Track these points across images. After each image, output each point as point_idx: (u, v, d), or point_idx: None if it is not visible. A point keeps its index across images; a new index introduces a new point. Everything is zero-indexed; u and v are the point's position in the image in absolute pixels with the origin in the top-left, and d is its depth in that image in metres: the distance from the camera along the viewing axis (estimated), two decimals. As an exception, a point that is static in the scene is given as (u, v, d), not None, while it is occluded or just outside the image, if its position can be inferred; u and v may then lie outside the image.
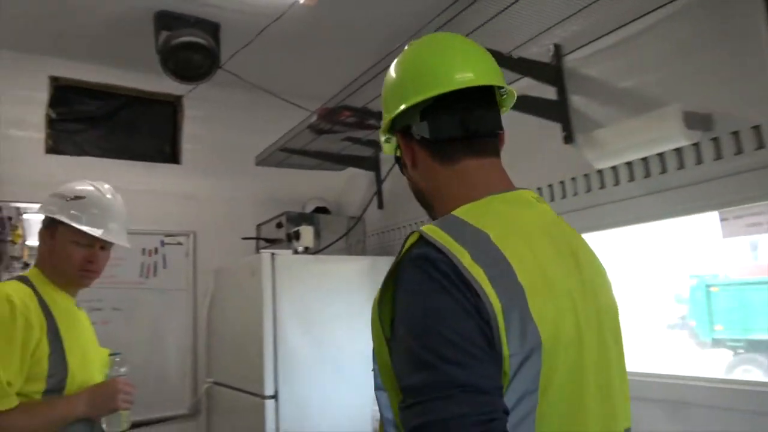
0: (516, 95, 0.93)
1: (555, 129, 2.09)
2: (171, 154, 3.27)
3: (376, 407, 0.99)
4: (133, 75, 3.13)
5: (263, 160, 3.05)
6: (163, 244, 3.07)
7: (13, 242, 4.80)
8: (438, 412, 0.64)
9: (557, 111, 2.07)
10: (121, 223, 1.71)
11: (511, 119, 0.99)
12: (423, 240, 0.75)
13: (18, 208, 4.23)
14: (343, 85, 2.39)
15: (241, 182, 3.28)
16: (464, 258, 0.71)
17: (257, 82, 3.00)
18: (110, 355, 1.54)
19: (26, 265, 6.08)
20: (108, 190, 1.72)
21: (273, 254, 2.45)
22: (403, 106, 0.88)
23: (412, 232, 0.77)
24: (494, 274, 0.71)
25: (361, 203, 3.26)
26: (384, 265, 2.78)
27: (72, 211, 1.55)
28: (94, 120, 3.09)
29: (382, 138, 0.98)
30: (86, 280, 1.60)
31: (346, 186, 3.53)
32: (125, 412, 1.51)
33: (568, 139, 2.07)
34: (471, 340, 0.67)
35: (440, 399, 0.65)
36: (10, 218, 4.22)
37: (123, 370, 1.56)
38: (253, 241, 3.09)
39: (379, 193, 3.15)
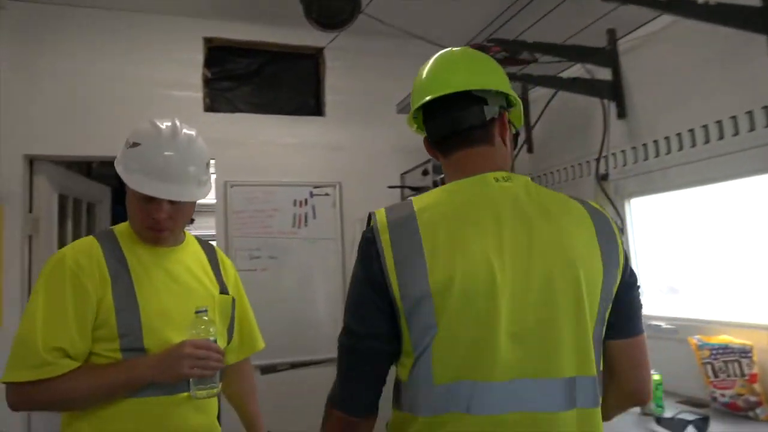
0: (504, 90, 1.05)
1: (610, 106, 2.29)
2: (315, 107, 3.32)
3: None
4: (278, 30, 3.18)
5: (405, 107, 2.96)
6: (311, 195, 3.14)
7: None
8: (341, 342, 1.02)
9: (612, 90, 2.27)
10: (194, 169, 1.36)
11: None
12: (369, 220, 1.02)
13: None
14: (488, 20, 2.20)
15: (384, 131, 3.23)
16: (383, 234, 0.97)
17: (398, 26, 2.89)
18: (195, 313, 1.31)
19: (191, 221, 6.73)
20: (171, 131, 1.36)
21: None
22: (413, 116, 1.16)
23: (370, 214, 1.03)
24: (399, 240, 0.96)
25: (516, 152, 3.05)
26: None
27: (128, 163, 1.33)
28: (244, 77, 3.21)
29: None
30: (152, 237, 1.37)
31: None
32: (210, 378, 1.27)
33: (621, 114, 2.25)
34: (363, 300, 0.99)
35: (344, 335, 1.02)
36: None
37: (203, 330, 1.29)
38: (398, 190, 3.05)
39: (528, 136, 2.93)
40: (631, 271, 1.02)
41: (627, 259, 1.01)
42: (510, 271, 0.93)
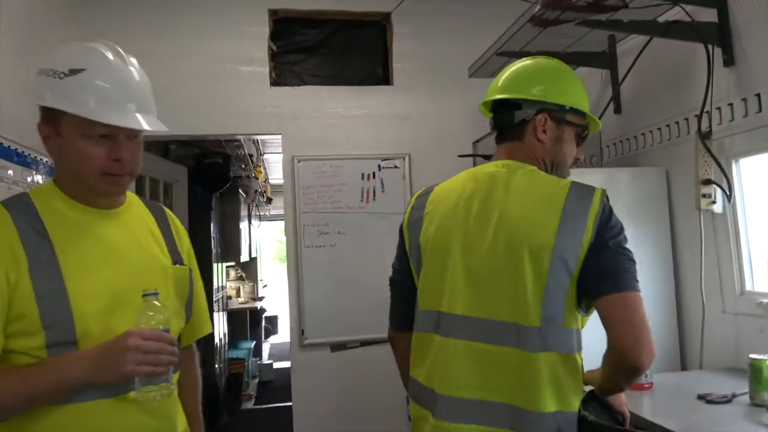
0: (540, 99, 1.29)
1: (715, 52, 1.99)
2: (383, 76, 3.19)
3: None
4: (343, -3, 3.08)
5: (477, 70, 2.76)
6: (380, 168, 3.04)
7: (256, 177, 5.39)
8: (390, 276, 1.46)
9: (717, 33, 1.99)
10: (147, 99, 1.15)
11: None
12: None
13: (258, 146, 4.68)
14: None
15: (454, 98, 3.05)
16: (412, 202, 1.38)
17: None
18: (142, 297, 1.03)
19: (269, 200, 6.84)
20: (113, 49, 1.13)
21: (493, 169, 2.21)
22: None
23: None
24: (416, 207, 1.35)
25: (593, 110, 2.76)
26: (624, 177, 2.33)
27: (68, 94, 1.04)
28: (310, 49, 3.14)
29: None
30: (114, 186, 1.11)
31: (573, 92, 3.06)
32: (162, 376, 1.03)
33: (729, 62, 1.95)
34: (397, 247, 1.41)
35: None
36: (251, 156, 4.71)
37: (153, 318, 1.03)
38: (470, 159, 2.87)
39: (615, 95, 2.64)
40: (605, 239, 1.15)
41: (600, 231, 1.15)
42: (471, 233, 1.23)
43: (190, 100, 2.88)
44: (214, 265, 5.06)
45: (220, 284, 5.44)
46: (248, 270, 7.31)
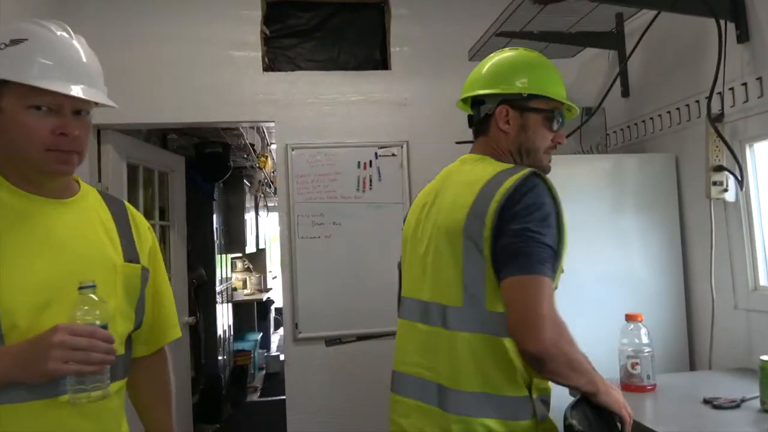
0: (486, 90, 1.36)
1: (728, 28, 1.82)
2: (381, 60, 3.06)
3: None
4: (340, -21, 2.96)
5: (477, 53, 2.62)
6: (377, 156, 2.92)
7: (260, 167, 5.30)
8: None
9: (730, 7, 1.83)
10: (95, 76, 1.09)
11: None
12: None
13: (264, 135, 4.59)
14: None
15: (454, 82, 2.84)
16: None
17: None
18: (78, 289, 0.96)
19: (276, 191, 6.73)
20: (64, 28, 1.09)
21: (490, 156, 2.09)
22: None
23: None
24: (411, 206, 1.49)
25: (600, 95, 2.63)
26: (631, 164, 2.19)
27: (13, 62, 0.98)
28: (305, 33, 3.02)
29: None
30: (60, 165, 1.03)
31: (580, 75, 2.91)
32: (95, 376, 0.95)
33: (743, 37, 1.81)
34: None
35: None
36: (252, 145, 4.61)
37: (88, 312, 0.95)
38: (470, 146, 2.74)
39: (623, 76, 2.49)
40: (507, 221, 1.16)
41: (503, 212, 1.16)
42: (422, 224, 1.35)
43: (178, 86, 2.79)
44: (218, 257, 5.01)
45: (224, 276, 5.39)
46: (256, 261, 7.26)
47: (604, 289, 2.06)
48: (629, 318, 1.66)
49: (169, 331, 1.28)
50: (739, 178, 1.83)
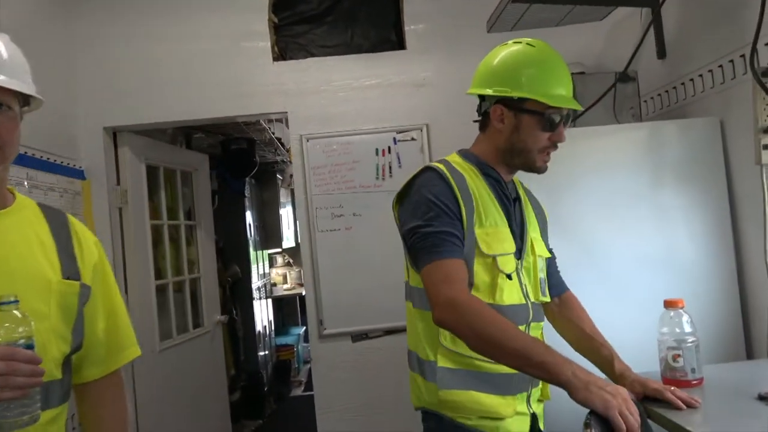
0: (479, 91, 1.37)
1: None
2: (396, 41, 2.91)
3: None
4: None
5: (495, 23, 2.44)
6: (395, 141, 2.78)
7: (290, 161, 5.24)
8: None
9: None
10: (17, 68, 1.02)
11: None
12: None
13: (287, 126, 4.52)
14: None
15: (474, 57, 2.65)
16: None
17: None
18: None
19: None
20: None
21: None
22: None
23: None
24: None
25: (628, 55, 2.40)
26: (670, 132, 1.97)
27: None
28: (316, 18, 2.90)
29: None
30: None
31: (610, 38, 2.68)
32: (21, 401, 0.87)
33: None
34: None
35: None
36: (279, 139, 4.56)
37: (8, 331, 0.87)
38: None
39: (658, 35, 2.25)
40: (401, 225, 1.34)
41: (399, 215, 1.35)
42: None
43: (188, 83, 2.73)
44: (253, 253, 5.00)
45: (261, 272, 5.39)
46: (296, 256, 7.26)
47: (643, 273, 1.86)
48: (668, 305, 1.46)
49: (125, 351, 1.21)
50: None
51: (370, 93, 2.81)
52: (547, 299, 1.43)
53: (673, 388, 1.29)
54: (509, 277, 1.30)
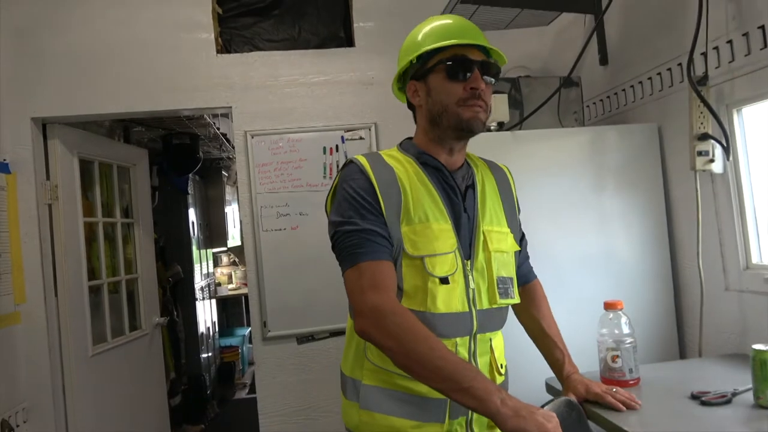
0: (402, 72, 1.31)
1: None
2: (345, 37, 2.87)
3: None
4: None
5: (444, 24, 2.44)
6: (343, 140, 2.74)
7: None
8: None
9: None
10: None
11: None
12: None
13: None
14: None
15: None
16: None
17: None
18: None
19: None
20: None
21: (455, 134, 1.91)
22: None
23: None
24: None
25: (572, 60, 2.45)
26: (611, 137, 2.02)
27: None
28: (262, 11, 2.82)
29: None
30: None
31: (555, 44, 2.73)
32: None
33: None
34: None
35: None
36: (224, 134, 4.42)
37: None
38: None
39: (600, 42, 2.30)
40: (328, 225, 1.22)
41: (329, 214, 1.23)
42: None
43: (126, 74, 2.60)
44: (197, 252, 4.84)
45: (205, 271, 5.23)
46: (242, 255, 7.09)
47: (584, 274, 1.90)
48: (608, 306, 1.49)
49: None
50: (726, 146, 1.66)
51: (318, 90, 2.75)
52: (511, 301, 1.27)
53: (615, 389, 1.31)
54: (444, 281, 1.15)
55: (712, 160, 1.70)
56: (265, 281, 2.65)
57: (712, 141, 1.69)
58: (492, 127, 2.00)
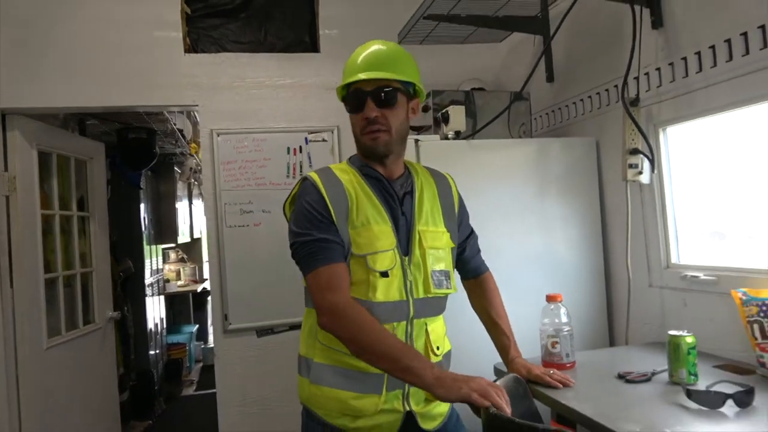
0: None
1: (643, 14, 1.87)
2: (310, 43, 2.99)
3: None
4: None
5: (407, 36, 2.60)
6: (307, 141, 2.86)
7: (191, 154, 5.10)
8: None
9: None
10: None
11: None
12: None
13: (194, 119, 4.40)
14: None
15: None
16: None
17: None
18: None
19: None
20: None
21: (416, 141, 2.07)
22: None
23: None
24: None
25: (524, 76, 2.67)
26: (555, 148, 2.23)
27: None
28: (230, 12, 2.90)
29: None
30: None
31: (507, 59, 2.95)
32: None
33: (657, 23, 1.88)
34: None
35: None
36: (180, 130, 4.42)
37: None
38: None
39: (548, 61, 2.53)
40: (288, 235, 1.37)
41: (289, 225, 1.39)
42: None
43: (93, 69, 2.62)
44: (147, 248, 4.80)
45: (155, 267, 5.19)
46: (191, 251, 7.03)
47: (529, 269, 2.10)
48: (549, 299, 1.69)
49: None
50: (652, 161, 1.90)
51: (283, 93, 2.86)
52: (446, 291, 1.42)
53: (552, 371, 1.50)
54: (384, 274, 1.32)
55: (640, 172, 1.94)
56: (227, 275, 2.73)
57: (641, 155, 1.92)
58: (450, 136, 2.18)
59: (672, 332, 1.48)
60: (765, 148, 1.63)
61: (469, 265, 1.59)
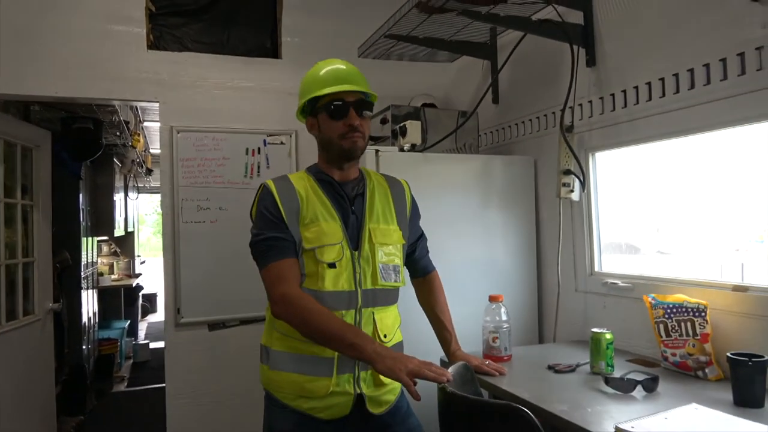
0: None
1: (580, 53, 2.15)
2: (271, 49, 3.10)
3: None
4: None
5: (366, 51, 2.77)
6: (266, 143, 2.97)
7: (133, 147, 5.02)
8: None
9: (582, 35, 2.16)
10: None
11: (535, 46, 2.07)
12: None
13: (137, 113, 4.36)
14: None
15: None
16: None
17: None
18: None
19: (149, 171, 6.42)
20: None
21: (377, 151, 2.24)
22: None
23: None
24: None
25: (473, 99, 2.92)
26: (497, 164, 2.47)
27: None
28: (193, 13, 2.96)
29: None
30: None
31: (457, 79, 3.18)
32: None
33: (591, 62, 2.15)
34: None
35: None
36: (127, 122, 4.38)
37: None
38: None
39: (494, 85, 2.78)
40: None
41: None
42: None
43: (55, 58, 2.61)
44: (83, 240, 4.69)
45: (89, 260, 5.06)
46: (124, 245, 6.86)
47: (473, 273, 2.32)
48: (492, 299, 1.91)
49: None
50: (582, 181, 2.18)
51: (244, 95, 2.95)
52: (394, 284, 1.56)
53: (488, 362, 1.73)
54: (332, 266, 1.46)
55: (572, 191, 2.21)
56: (181, 269, 2.79)
57: (573, 176, 2.19)
58: (406, 148, 2.37)
59: (595, 329, 1.73)
60: (675, 178, 1.93)
61: (418, 264, 1.77)
